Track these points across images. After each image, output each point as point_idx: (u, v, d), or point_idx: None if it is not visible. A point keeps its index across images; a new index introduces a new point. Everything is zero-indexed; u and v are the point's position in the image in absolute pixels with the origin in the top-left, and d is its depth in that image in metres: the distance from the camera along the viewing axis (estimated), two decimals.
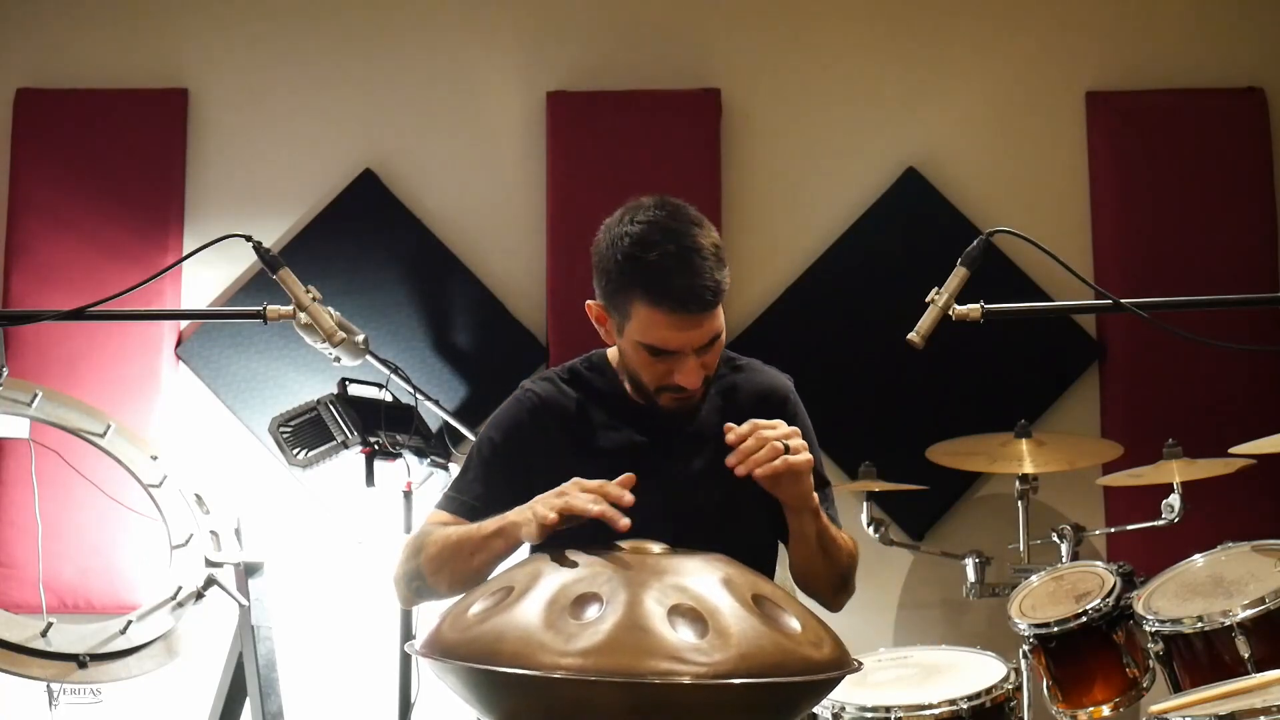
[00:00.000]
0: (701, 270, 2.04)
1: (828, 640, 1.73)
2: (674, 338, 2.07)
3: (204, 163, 4.22)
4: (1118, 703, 3.03)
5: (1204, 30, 4.27)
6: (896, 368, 3.97)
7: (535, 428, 2.22)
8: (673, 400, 2.15)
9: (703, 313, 2.05)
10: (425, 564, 2.09)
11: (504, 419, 2.25)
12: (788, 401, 2.30)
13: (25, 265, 4.07)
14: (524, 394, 2.27)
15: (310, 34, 4.29)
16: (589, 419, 2.22)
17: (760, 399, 2.27)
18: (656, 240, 2.05)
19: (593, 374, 2.28)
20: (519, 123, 4.25)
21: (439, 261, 4.18)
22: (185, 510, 3.48)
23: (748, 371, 2.32)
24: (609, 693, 1.54)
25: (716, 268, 2.06)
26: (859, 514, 3.78)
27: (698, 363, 2.10)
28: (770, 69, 4.29)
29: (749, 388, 2.29)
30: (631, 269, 2.06)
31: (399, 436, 3.55)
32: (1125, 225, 4.13)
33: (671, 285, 2.02)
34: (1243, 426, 3.40)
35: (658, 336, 2.07)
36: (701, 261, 2.04)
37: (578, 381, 2.28)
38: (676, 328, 2.05)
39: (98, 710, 3.74)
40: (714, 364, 2.16)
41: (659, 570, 1.70)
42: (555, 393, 2.25)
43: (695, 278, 2.03)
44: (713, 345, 2.11)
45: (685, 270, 2.03)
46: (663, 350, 2.09)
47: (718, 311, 2.10)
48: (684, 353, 2.08)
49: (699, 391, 2.15)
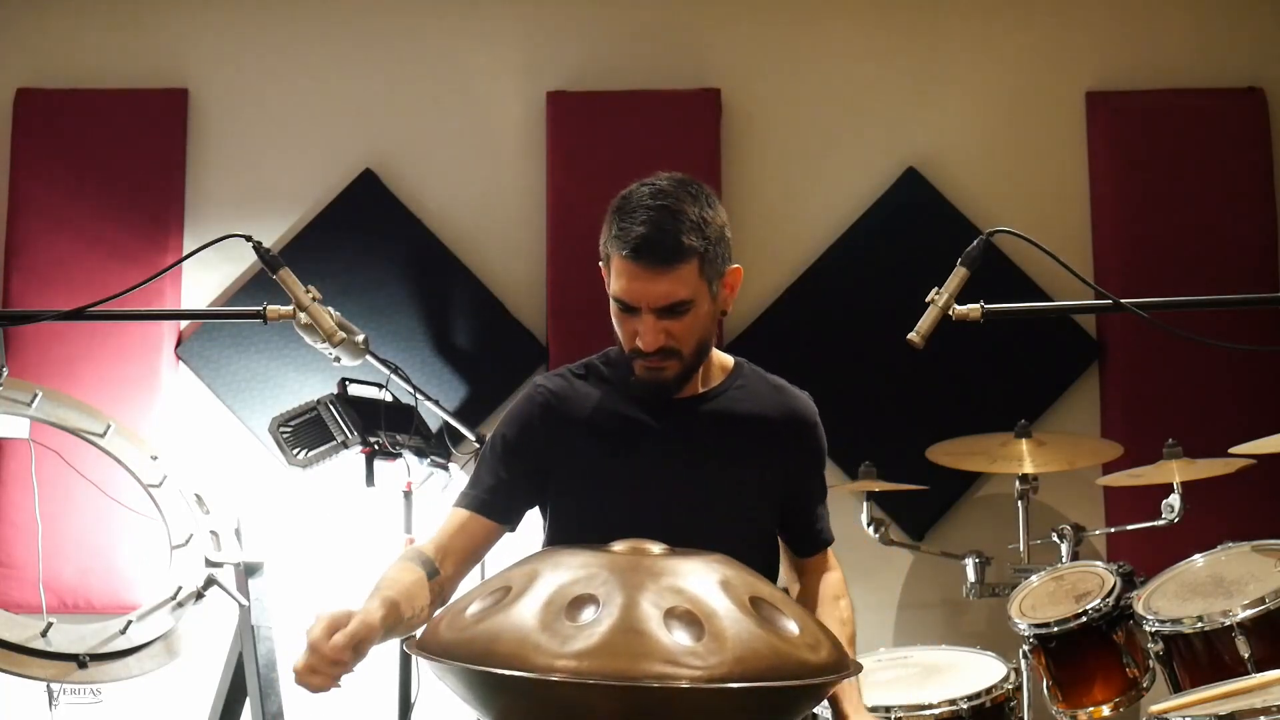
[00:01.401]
0: (665, 225, 2.07)
1: (825, 643, 1.72)
2: (632, 289, 2.10)
3: (204, 163, 4.22)
4: (1118, 703, 3.04)
5: (1204, 30, 4.27)
6: (896, 368, 3.97)
7: (547, 422, 2.23)
8: (644, 370, 2.16)
9: (659, 265, 2.07)
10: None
11: (516, 414, 2.27)
12: (814, 427, 2.32)
13: (25, 265, 4.07)
14: (535, 389, 2.28)
15: (310, 34, 4.29)
16: (601, 410, 2.23)
17: (793, 420, 2.28)
18: (643, 196, 2.12)
19: (607, 367, 2.29)
20: (519, 123, 4.25)
21: (439, 261, 4.18)
22: (185, 510, 3.48)
23: (774, 388, 2.32)
24: (603, 696, 1.54)
25: (688, 231, 2.08)
26: (859, 514, 3.78)
27: (656, 323, 2.11)
28: (770, 69, 4.28)
29: (782, 404, 2.29)
30: (614, 218, 2.13)
31: (399, 436, 3.55)
32: (1125, 225, 4.13)
33: (633, 232, 2.08)
34: (1243, 426, 3.39)
35: (620, 286, 2.11)
36: (672, 220, 2.08)
37: (592, 375, 2.29)
38: (634, 277, 2.09)
39: (98, 710, 3.74)
40: (682, 336, 2.14)
41: (656, 572, 1.70)
42: (567, 387, 2.27)
43: (658, 231, 2.07)
44: (676, 312, 2.11)
45: (651, 223, 2.07)
46: (625, 303, 2.12)
47: (681, 275, 2.09)
48: (642, 309, 2.11)
49: (669, 367, 2.15)
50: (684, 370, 2.18)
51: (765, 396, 2.29)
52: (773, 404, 2.28)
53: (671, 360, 2.15)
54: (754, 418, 2.25)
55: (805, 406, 2.32)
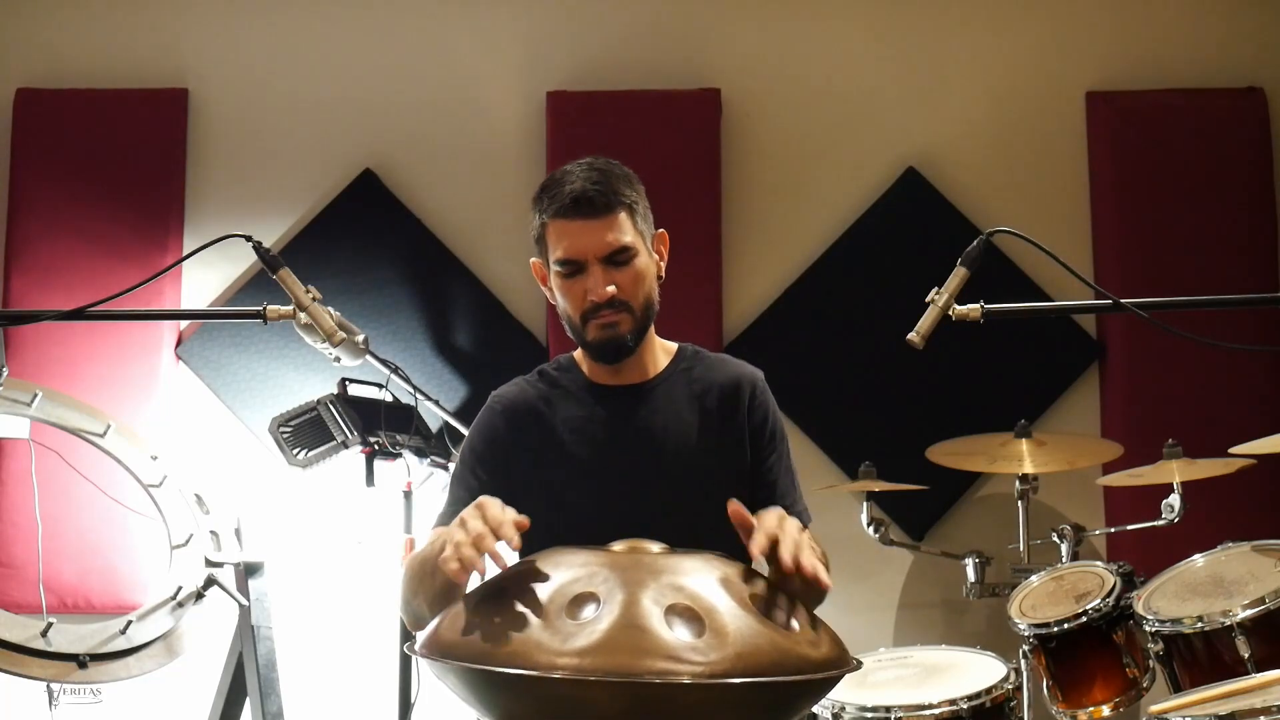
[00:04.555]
0: (595, 180, 2.18)
1: (826, 639, 1.73)
2: (574, 244, 2.17)
3: (204, 163, 4.22)
4: (1118, 703, 3.04)
5: (1204, 30, 4.27)
6: (896, 368, 3.98)
7: (510, 430, 2.27)
8: (599, 330, 2.20)
9: (595, 215, 2.16)
10: (406, 586, 2.10)
11: (480, 428, 2.30)
12: (756, 389, 2.31)
13: (25, 265, 4.07)
14: (493, 401, 2.32)
15: (310, 34, 4.29)
16: (558, 413, 2.27)
17: (732, 389, 2.29)
18: (567, 169, 2.23)
19: (559, 372, 2.33)
20: (519, 123, 4.25)
21: (439, 261, 4.18)
22: (185, 510, 3.48)
23: (717, 362, 2.35)
24: (605, 692, 1.54)
25: (614, 182, 2.19)
26: (859, 514, 3.79)
27: (604, 274, 2.17)
28: (770, 69, 4.29)
29: (718, 377, 2.31)
30: (542, 195, 2.23)
31: (399, 436, 3.55)
32: (1125, 225, 4.13)
33: (564, 191, 2.18)
34: (1243, 426, 3.40)
35: (563, 246, 2.18)
36: (599, 176, 2.19)
37: (545, 380, 2.32)
38: (574, 234, 2.17)
39: (98, 710, 3.74)
40: (629, 288, 2.19)
41: (656, 570, 1.70)
42: (522, 394, 2.30)
43: (590, 185, 2.18)
44: (620, 260, 2.18)
45: (582, 179, 2.19)
46: (570, 261, 2.18)
47: (619, 222, 2.18)
48: (588, 261, 2.17)
49: (622, 321, 2.19)
50: (636, 326, 2.22)
51: (710, 370, 2.32)
52: (718, 375, 2.31)
53: (623, 313, 2.20)
54: (702, 392, 2.28)
55: (749, 371, 2.33)
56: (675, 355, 2.34)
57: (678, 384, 2.29)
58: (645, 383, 2.29)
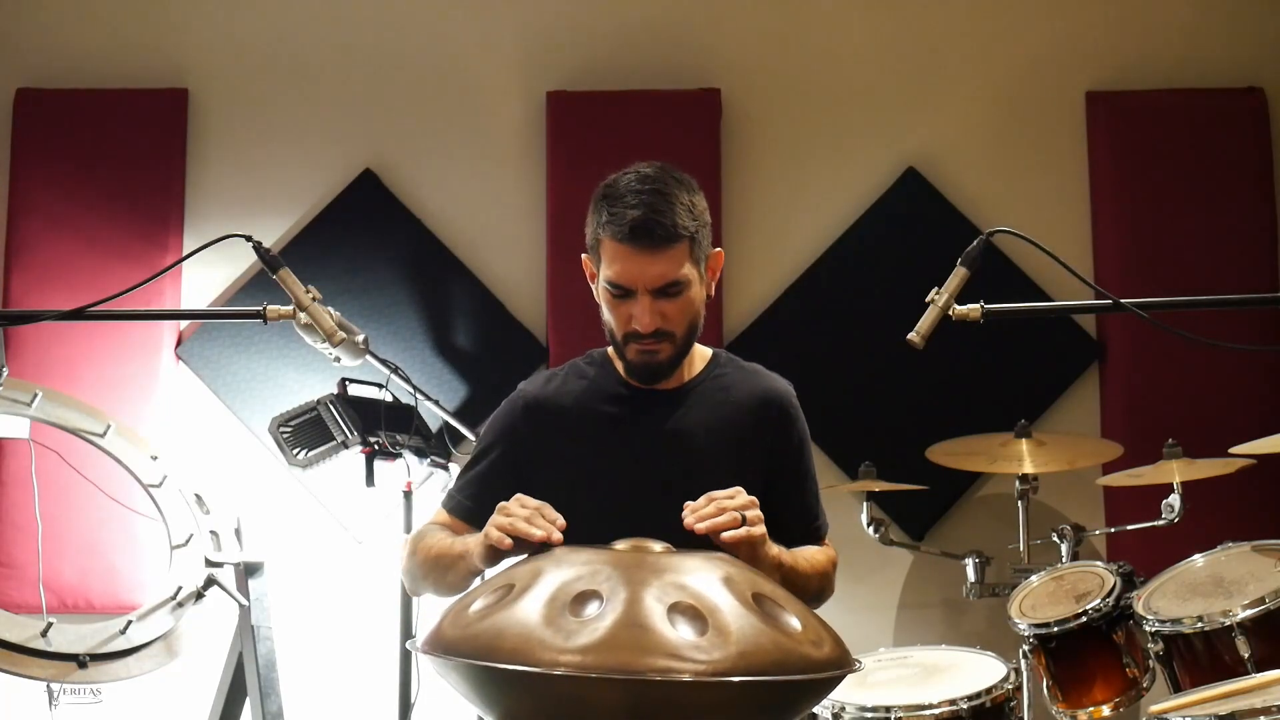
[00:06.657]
0: (658, 208, 2.13)
1: (828, 639, 1.73)
2: (626, 271, 2.14)
3: (204, 163, 4.22)
4: (1118, 703, 3.04)
5: (1204, 30, 4.27)
6: (896, 368, 3.98)
7: (529, 426, 2.26)
8: (638, 354, 2.20)
9: (653, 246, 2.12)
10: (418, 567, 2.20)
11: (499, 420, 2.31)
12: (788, 407, 2.31)
13: (25, 265, 4.07)
14: (517, 394, 2.32)
15: (310, 34, 4.29)
16: (584, 408, 2.26)
17: (760, 402, 2.29)
18: (630, 182, 2.17)
19: (590, 367, 2.32)
20: (519, 123, 4.25)
21: (439, 261, 4.18)
22: (185, 510, 3.48)
23: (750, 373, 2.34)
24: (608, 690, 1.54)
25: (679, 214, 2.14)
26: (859, 514, 3.79)
27: (652, 305, 2.15)
28: (770, 69, 4.29)
29: (749, 388, 2.30)
30: (602, 205, 2.19)
31: (399, 436, 3.56)
32: (1125, 225, 4.13)
33: (626, 216, 2.13)
34: (1243, 426, 3.40)
35: (614, 270, 2.16)
36: (663, 202, 2.13)
37: (574, 376, 2.32)
38: (628, 259, 2.14)
39: (98, 710, 3.74)
40: (676, 318, 2.18)
41: (659, 569, 1.70)
42: (548, 388, 2.30)
43: (651, 212, 2.12)
44: (670, 293, 2.16)
45: (645, 206, 2.13)
46: (620, 286, 2.16)
47: (675, 256, 2.15)
48: (638, 291, 2.14)
49: (662, 350, 2.19)
50: (676, 353, 2.22)
51: (743, 381, 2.31)
52: (749, 387, 2.31)
53: (665, 342, 2.19)
54: (732, 402, 2.28)
55: (781, 386, 2.34)
56: (710, 361, 2.33)
57: (708, 391, 2.28)
58: (679, 388, 2.28)
